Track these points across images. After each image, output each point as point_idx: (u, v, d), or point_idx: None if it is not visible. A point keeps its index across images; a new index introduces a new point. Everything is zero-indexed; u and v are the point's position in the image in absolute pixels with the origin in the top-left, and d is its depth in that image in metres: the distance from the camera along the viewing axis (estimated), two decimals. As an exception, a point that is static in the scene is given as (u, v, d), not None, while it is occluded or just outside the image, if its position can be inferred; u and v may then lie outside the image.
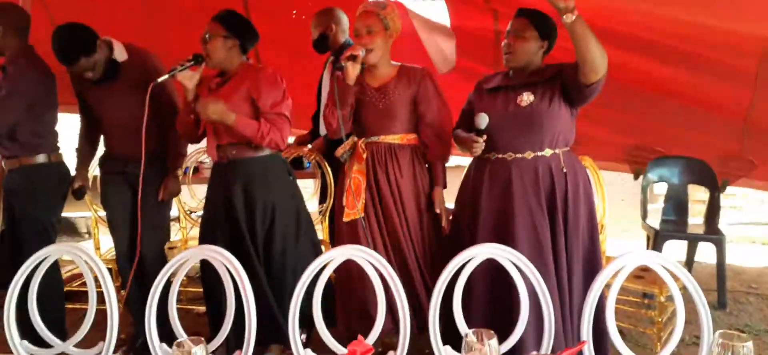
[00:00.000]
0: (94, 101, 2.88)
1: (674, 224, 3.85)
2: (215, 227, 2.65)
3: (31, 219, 2.84)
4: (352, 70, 2.49)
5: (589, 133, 2.76)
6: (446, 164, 2.76)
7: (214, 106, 2.46)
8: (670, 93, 3.29)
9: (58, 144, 2.96)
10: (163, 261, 2.83)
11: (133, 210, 2.80)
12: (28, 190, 2.84)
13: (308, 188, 4.73)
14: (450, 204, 2.88)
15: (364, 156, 2.63)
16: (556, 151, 2.42)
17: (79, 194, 3.03)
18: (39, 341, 1.81)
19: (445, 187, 2.71)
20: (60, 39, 2.61)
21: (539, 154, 2.41)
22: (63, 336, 1.80)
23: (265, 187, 2.61)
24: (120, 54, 2.77)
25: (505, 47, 2.46)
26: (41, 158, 2.85)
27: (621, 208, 4.63)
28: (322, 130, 3.50)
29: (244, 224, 2.58)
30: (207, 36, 2.54)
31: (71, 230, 5.11)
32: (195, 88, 2.56)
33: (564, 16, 2.08)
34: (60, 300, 2.97)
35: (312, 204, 4.61)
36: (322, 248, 3.38)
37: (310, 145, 3.67)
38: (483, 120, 2.39)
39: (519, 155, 2.42)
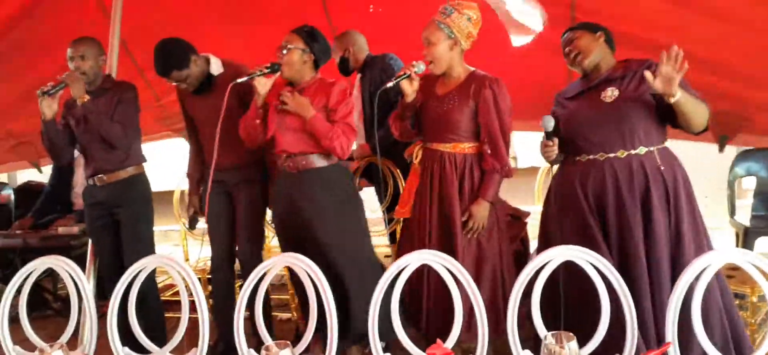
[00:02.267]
0: (192, 113, 3.10)
1: (765, 219, 3.65)
2: (285, 233, 2.78)
3: (140, 229, 3.04)
4: (408, 88, 2.56)
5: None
6: (517, 166, 2.75)
7: (296, 96, 2.60)
8: (759, 62, 3.13)
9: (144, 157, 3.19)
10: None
11: (230, 218, 2.95)
12: (134, 199, 3.05)
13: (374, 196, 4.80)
14: (524, 206, 2.87)
15: (416, 161, 2.70)
16: (651, 148, 2.32)
17: (192, 223, 3.24)
18: (139, 348, 1.94)
19: (491, 200, 2.61)
20: (157, 52, 2.84)
21: (633, 152, 2.32)
22: (163, 342, 1.91)
23: (331, 196, 2.71)
24: (216, 68, 2.97)
25: (568, 61, 2.45)
26: (138, 169, 3.08)
27: (705, 205, 4.43)
28: (361, 139, 3.62)
29: (307, 231, 2.69)
30: (285, 46, 2.65)
31: (160, 241, 5.40)
32: (266, 95, 2.66)
33: (668, 99, 2.10)
34: (159, 308, 3.15)
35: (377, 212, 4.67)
36: (389, 251, 3.44)
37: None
38: (548, 122, 2.35)
39: (611, 154, 2.34)
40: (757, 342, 2.72)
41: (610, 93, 2.35)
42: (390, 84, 2.59)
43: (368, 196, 2.99)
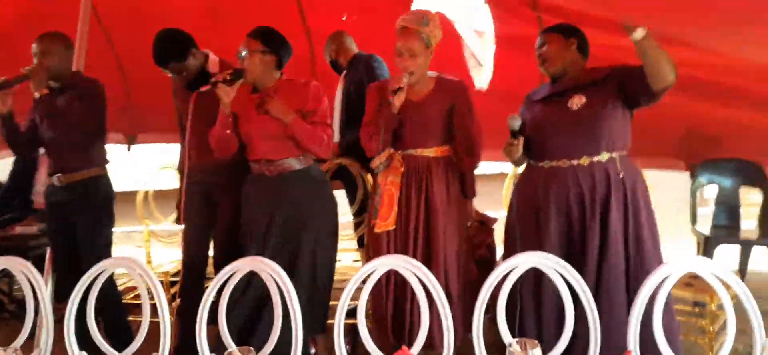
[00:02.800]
0: (184, 109, 3.02)
1: (726, 228, 3.73)
2: (257, 237, 2.70)
3: (96, 233, 2.95)
4: (397, 101, 2.52)
5: (642, 123, 2.68)
6: (485, 172, 2.78)
7: (276, 103, 2.57)
8: (729, 80, 3.19)
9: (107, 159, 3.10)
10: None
11: (210, 220, 2.91)
12: (93, 202, 2.96)
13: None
14: (491, 212, 2.89)
15: (402, 169, 2.64)
16: (613, 155, 2.35)
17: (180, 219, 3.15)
18: (97, 352, 1.89)
19: (473, 196, 2.74)
20: (157, 41, 2.81)
21: (595, 159, 2.34)
22: (127, 345, 1.87)
23: (312, 198, 2.70)
24: (213, 66, 2.95)
25: (539, 61, 2.47)
26: (99, 171, 2.99)
27: (669, 213, 4.52)
28: (336, 137, 3.63)
29: (280, 238, 2.65)
30: (244, 52, 2.60)
31: (123, 242, 5.30)
32: (231, 103, 2.60)
33: (633, 34, 2.07)
34: (121, 311, 3.07)
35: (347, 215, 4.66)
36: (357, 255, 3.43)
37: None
38: (514, 121, 2.38)
39: (575, 162, 2.37)
40: (714, 350, 2.78)
41: (577, 101, 2.37)
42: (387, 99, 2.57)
43: (338, 198, 2.96)
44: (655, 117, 3.39)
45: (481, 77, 3.48)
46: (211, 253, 3.07)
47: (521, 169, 2.66)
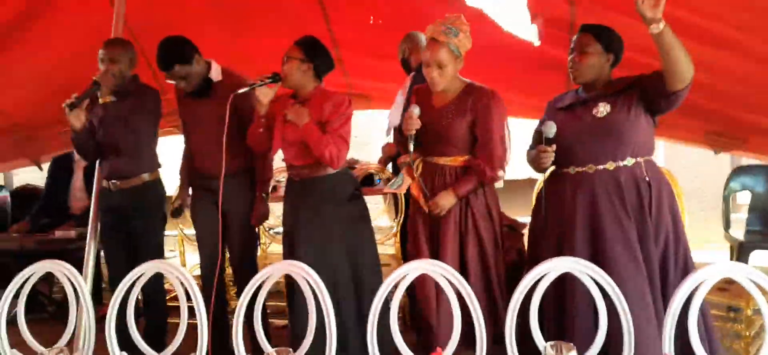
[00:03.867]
0: (186, 116, 3.08)
1: (760, 234, 3.67)
2: (289, 243, 2.78)
3: (154, 237, 3.06)
4: (415, 123, 2.54)
5: (666, 119, 2.66)
6: (515, 177, 2.76)
7: (296, 109, 2.64)
8: (753, 84, 3.15)
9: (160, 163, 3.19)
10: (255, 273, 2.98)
11: (223, 225, 2.96)
12: (149, 207, 3.05)
13: (378, 205, 4.81)
14: (521, 217, 2.88)
15: (417, 175, 2.65)
16: (638, 160, 2.37)
17: (176, 213, 3.24)
18: (137, 353, 1.94)
19: (460, 197, 2.57)
20: (162, 45, 2.85)
21: (621, 164, 2.36)
22: (163, 347, 1.91)
23: (334, 203, 2.72)
24: (216, 74, 2.97)
25: (570, 64, 2.44)
26: (154, 176, 3.09)
27: (701, 219, 4.46)
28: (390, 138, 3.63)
29: (313, 238, 2.69)
30: (286, 58, 2.68)
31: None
32: (269, 105, 2.69)
33: (651, 26, 2.04)
34: (162, 313, 3.15)
35: (383, 220, 4.69)
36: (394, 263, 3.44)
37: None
38: (550, 128, 2.37)
39: (600, 167, 2.37)
40: (751, 354, 2.74)
41: (602, 109, 2.38)
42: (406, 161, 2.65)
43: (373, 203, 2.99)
44: (682, 116, 3.37)
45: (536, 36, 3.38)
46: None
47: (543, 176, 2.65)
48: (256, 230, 3.18)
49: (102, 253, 3.24)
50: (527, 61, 3.56)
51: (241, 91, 2.67)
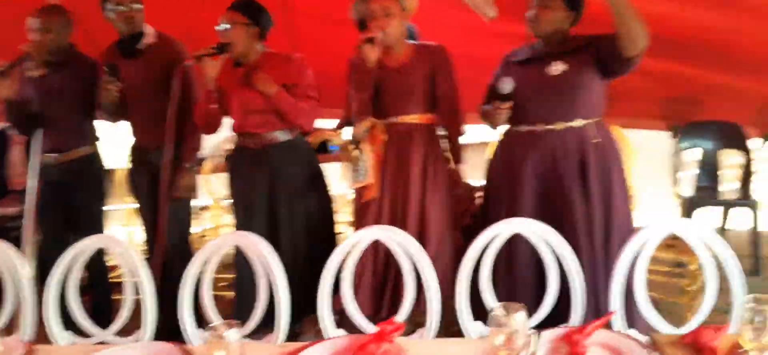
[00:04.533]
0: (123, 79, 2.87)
1: (707, 190, 3.78)
2: (249, 212, 2.70)
3: (94, 210, 2.94)
4: (371, 54, 2.46)
5: (624, 86, 2.67)
6: (469, 141, 2.74)
7: (263, 77, 2.54)
8: (711, 41, 3.17)
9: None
10: (186, 249, 2.91)
11: (157, 200, 2.86)
12: (89, 180, 2.93)
13: (335, 172, 4.77)
14: (476, 181, 2.88)
15: (384, 137, 2.61)
16: (588, 121, 2.37)
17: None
18: (82, 332, 1.87)
19: (461, 162, 2.67)
20: None
21: (570, 124, 2.36)
22: (108, 324, 1.85)
23: (297, 169, 2.68)
24: (150, 35, 2.83)
25: (531, 17, 2.42)
26: (92, 149, 2.96)
27: (650, 176, 4.56)
28: None
29: (271, 207, 2.64)
30: (227, 25, 2.55)
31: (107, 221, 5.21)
32: (215, 78, 2.57)
33: None
34: (107, 290, 3.05)
35: (339, 187, 4.64)
36: (350, 229, 3.41)
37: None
38: (506, 84, 2.35)
39: (549, 126, 2.38)
40: (694, 308, 2.82)
41: (556, 68, 2.36)
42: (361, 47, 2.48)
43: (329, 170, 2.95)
44: (636, 79, 3.40)
45: (489, 7, 3.35)
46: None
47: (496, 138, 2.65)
48: (189, 204, 3.06)
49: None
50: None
51: (187, 63, 2.55)
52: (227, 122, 2.77)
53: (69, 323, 1.88)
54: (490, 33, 3.31)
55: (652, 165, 4.43)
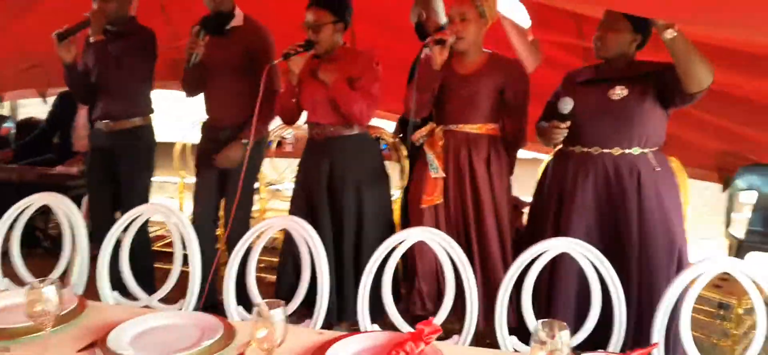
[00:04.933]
0: (205, 57, 2.93)
1: (761, 235, 3.66)
2: (305, 199, 2.74)
3: (138, 180, 3.02)
4: (439, 56, 2.43)
5: (678, 133, 2.63)
6: (521, 156, 2.73)
7: (325, 65, 2.59)
8: (762, 104, 3.12)
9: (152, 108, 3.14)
10: (245, 230, 2.96)
11: (220, 179, 2.94)
12: (136, 150, 3.02)
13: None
14: (524, 196, 2.86)
15: (441, 144, 2.61)
16: (645, 150, 2.34)
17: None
18: (128, 293, 1.95)
19: (511, 174, 2.67)
20: None
21: (627, 151, 2.33)
22: (151, 290, 1.92)
23: (358, 164, 2.69)
24: (238, 18, 2.92)
25: (597, 38, 2.39)
26: (144, 120, 3.05)
27: (702, 214, 4.44)
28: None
29: (332, 199, 2.66)
30: (315, 23, 2.57)
31: (155, 192, 5.37)
32: (299, 73, 2.62)
33: (664, 33, 2.00)
34: (149, 257, 3.15)
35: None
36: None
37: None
38: (566, 104, 2.31)
39: (606, 150, 2.35)
40: (737, 353, 2.74)
41: (619, 92, 2.33)
42: (426, 48, 2.47)
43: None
44: (692, 129, 3.35)
45: (533, 59, 3.37)
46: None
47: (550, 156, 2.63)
48: (252, 186, 3.13)
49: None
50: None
51: (276, 62, 2.61)
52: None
53: (115, 284, 1.95)
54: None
55: (705, 204, 4.32)
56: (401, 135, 3.54)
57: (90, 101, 3.09)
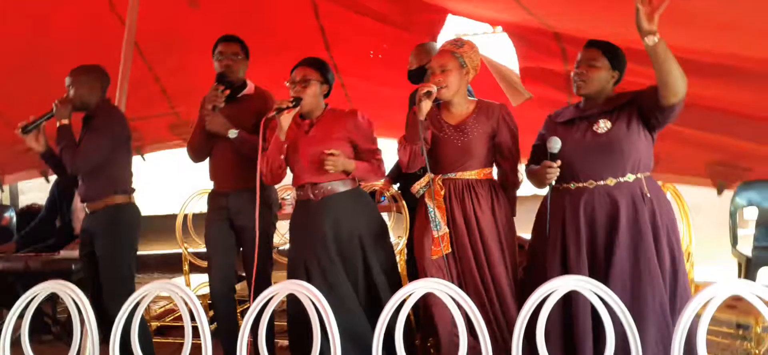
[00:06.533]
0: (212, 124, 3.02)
1: (766, 250, 3.64)
2: (305, 262, 2.72)
3: (115, 260, 2.98)
4: (425, 106, 2.53)
5: (666, 149, 2.68)
6: (521, 193, 2.76)
7: (339, 160, 2.61)
8: (748, 116, 3.16)
9: (133, 187, 3.14)
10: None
11: (232, 245, 2.95)
12: (111, 230, 2.99)
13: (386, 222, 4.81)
14: (526, 234, 2.87)
15: (442, 193, 2.64)
16: (639, 176, 2.40)
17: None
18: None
19: (513, 215, 2.73)
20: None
21: (621, 180, 2.39)
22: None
23: (356, 219, 2.71)
24: (249, 88, 3.08)
25: (576, 76, 2.46)
26: (120, 199, 3.03)
27: (707, 234, 4.43)
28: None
29: (337, 257, 2.67)
30: (302, 80, 2.67)
31: (162, 266, 5.38)
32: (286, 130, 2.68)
33: (646, 38, 2.08)
34: (148, 334, 3.13)
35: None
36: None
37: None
38: (555, 143, 2.38)
39: (601, 182, 2.40)
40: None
41: (603, 125, 2.41)
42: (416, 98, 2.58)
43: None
44: (679, 146, 3.38)
45: (516, 96, 3.47)
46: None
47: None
48: (270, 246, 3.15)
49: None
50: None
51: (269, 115, 2.67)
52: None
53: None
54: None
55: (706, 224, 4.31)
56: (397, 185, 3.59)
57: (71, 181, 3.15)
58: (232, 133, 2.91)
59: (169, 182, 3.57)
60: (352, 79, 4.18)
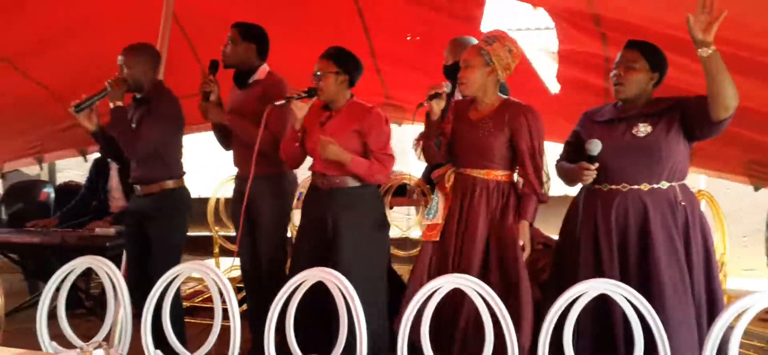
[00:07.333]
0: (232, 106, 3.10)
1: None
2: (306, 248, 2.81)
3: (169, 242, 3.04)
4: (436, 107, 2.58)
5: (702, 144, 2.59)
6: (550, 194, 2.71)
7: (332, 148, 2.62)
8: None
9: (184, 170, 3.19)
10: (282, 278, 3.00)
11: (252, 228, 3.00)
12: (166, 214, 3.05)
13: (411, 216, 4.82)
14: (553, 234, 2.85)
15: (448, 185, 2.68)
16: (673, 183, 2.35)
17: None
18: (169, 351, 1.97)
19: (532, 221, 2.62)
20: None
21: (655, 186, 2.34)
22: (183, 342, 1.95)
23: (356, 216, 2.74)
24: (261, 72, 3.06)
25: (615, 78, 2.41)
26: (174, 183, 3.08)
27: (743, 245, 4.34)
28: None
29: (334, 248, 2.71)
30: (319, 73, 2.70)
31: (192, 248, 5.43)
32: (303, 119, 2.74)
33: (700, 50, 2.02)
34: (181, 314, 3.18)
35: (416, 231, 4.70)
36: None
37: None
38: (596, 146, 2.33)
39: (635, 187, 2.36)
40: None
41: (643, 129, 2.35)
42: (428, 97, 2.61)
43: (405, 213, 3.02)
44: (721, 142, 3.29)
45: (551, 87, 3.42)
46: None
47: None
48: (284, 234, 3.18)
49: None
50: (564, 86, 3.54)
51: (277, 103, 2.71)
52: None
53: (157, 343, 1.97)
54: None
55: (742, 235, 4.22)
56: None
57: (120, 160, 3.19)
58: (226, 122, 2.99)
59: (203, 165, 3.60)
60: (388, 66, 4.16)
